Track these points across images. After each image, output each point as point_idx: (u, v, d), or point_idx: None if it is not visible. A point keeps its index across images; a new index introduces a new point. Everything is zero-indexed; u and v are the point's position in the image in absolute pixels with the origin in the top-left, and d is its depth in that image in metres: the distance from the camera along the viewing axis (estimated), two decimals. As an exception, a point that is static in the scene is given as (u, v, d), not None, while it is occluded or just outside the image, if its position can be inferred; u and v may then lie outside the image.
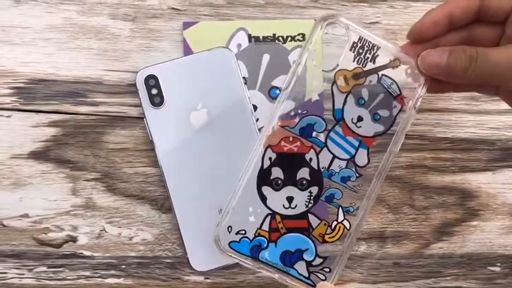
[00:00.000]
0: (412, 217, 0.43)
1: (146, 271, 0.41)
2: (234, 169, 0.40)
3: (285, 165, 0.35)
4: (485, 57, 0.31)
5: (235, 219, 0.35)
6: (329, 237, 0.35)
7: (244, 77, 0.42)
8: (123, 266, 0.41)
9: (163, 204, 0.42)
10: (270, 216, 0.35)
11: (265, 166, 0.35)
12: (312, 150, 0.35)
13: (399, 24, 0.44)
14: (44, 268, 0.41)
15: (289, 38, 0.43)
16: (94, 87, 0.42)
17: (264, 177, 0.35)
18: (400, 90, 0.36)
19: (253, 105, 0.42)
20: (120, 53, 0.42)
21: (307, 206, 0.35)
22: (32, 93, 0.42)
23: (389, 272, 0.43)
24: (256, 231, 0.35)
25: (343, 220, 0.35)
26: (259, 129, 0.42)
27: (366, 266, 0.43)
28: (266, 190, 0.35)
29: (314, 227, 0.35)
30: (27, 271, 0.41)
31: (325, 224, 0.35)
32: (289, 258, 0.34)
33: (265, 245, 0.35)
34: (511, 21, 0.33)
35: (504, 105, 0.43)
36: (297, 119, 0.35)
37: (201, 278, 0.42)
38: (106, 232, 0.41)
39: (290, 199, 0.35)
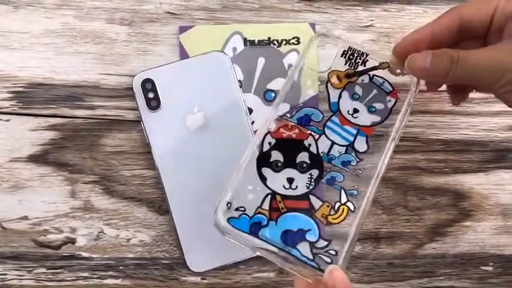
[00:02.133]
0: (406, 218, 0.44)
1: (144, 272, 0.42)
2: (229, 171, 0.41)
3: (284, 150, 0.36)
4: (465, 59, 0.32)
5: (234, 196, 0.35)
6: (333, 219, 0.35)
7: (239, 80, 0.43)
8: (121, 267, 0.42)
9: (161, 206, 0.42)
10: (270, 196, 0.35)
11: (264, 150, 0.36)
12: (310, 137, 0.36)
13: (393, 27, 0.44)
14: (43, 269, 0.42)
15: (284, 42, 0.43)
16: (91, 91, 0.42)
17: (263, 159, 0.36)
18: (392, 87, 0.38)
19: (248, 108, 0.42)
20: (117, 57, 0.43)
21: (308, 188, 0.35)
22: (30, 97, 0.42)
23: (383, 272, 0.43)
24: (256, 209, 0.35)
25: (346, 202, 0.35)
26: (255, 132, 0.42)
27: (360, 266, 0.43)
28: (266, 171, 0.36)
29: (316, 208, 0.35)
30: (27, 272, 0.41)
31: (327, 206, 0.35)
32: (291, 237, 0.34)
33: (265, 223, 0.34)
34: (492, 32, 0.34)
35: (496, 107, 0.43)
36: (294, 111, 0.37)
37: (198, 279, 0.42)
38: (104, 234, 0.42)
39: (290, 180, 0.36)
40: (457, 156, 0.44)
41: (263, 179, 0.36)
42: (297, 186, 0.35)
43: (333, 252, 0.34)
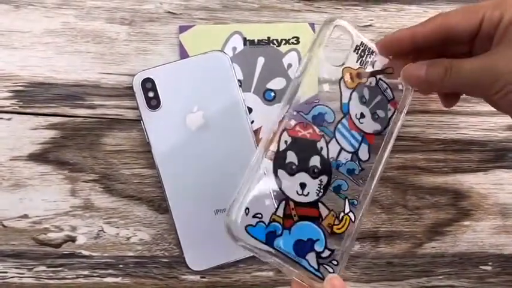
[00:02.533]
0: (405, 217, 0.44)
1: (143, 270, 0.42)
2: (229, 170, 0.41)
3: (298, 151, 0.34)
4: (458, 67, 0.33)
5: (252, 201, 0.32)
6: (337, 228, 0.34)
7: (239, 80, 0.43)
8: (121, 266, 0.42)
9: (160, 205, 0.42)
10: (284, 202, 0.33)
11: (281, 148, 0.34)
12: (322, 139, 0.35)
13: (392, 27, 0.44)
14: (43, 267, 0.42)
15: (284, 41, 0.44)
16: (92, 90, 0.43)
17: (279, 160, 0.33)
18: (393, 95, 0.38)
19: (248, 107, 0.43)
20: (117, 56, 0.43)
21: (318, 195, 0.34)
22: (31, 96, 0.42)
23: (382, 271, 0.43)
24: (271, 216, 0.32)
25: (349, 212, 0.35)
26: (255, 131, 0.42)
27: (359, 265, 0.43)
28: (281, 174, 0.33)
29: (324, 217, 0.34)
30: (27, 270, 0.42)
31: (333, 215, 0.34)
32: (302, 247, 0.33)
33: (279, 232, 0.32)
34: (480, 39, 0.34)
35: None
36: (310, 107, 0.35)
37: (197, 277, 0.42)
38: (104, 232, 0.42)
39: (303, 186, 0.34)
40: (456, 156, 0.44)
41: (279, 182, 0.33)
42: (308, 193, 0.34)
43: (335, 263, 0.34)
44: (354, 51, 0.36)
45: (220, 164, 0.42)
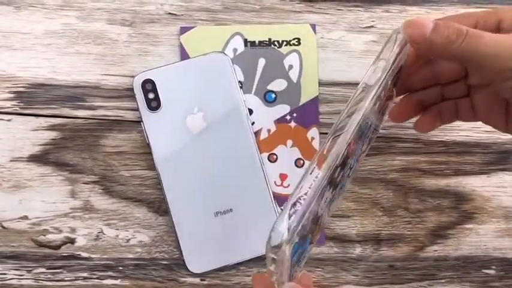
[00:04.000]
0: (407, 220, 0.43)
1: (143, 272, 0.42)
2: (229, 171, 0.41)
3: (341, 167, 0.31)
4: (476, 35, 0.30)
5: (306, 219, 0.29)
6: (314, 239, 0.34)
7: (240, 81, 0.43)
8: (120, 268, 0.42)
9: (160, 207, 0.42)
10: (313, 219, 0.31)
11: (337, 164, 0.30)
12: (352, 156, 0.33)
13: (394, 28, 0.44)
14: (42, 269, 0.42)
15: (285, 43, 0.43)
16: (92, 91, 0.42)
17: (332, 177, 0.30)
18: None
19: (248, 109, 0.42)
20: (118, 57, 0.43)
21: (324, 210, 0.33)
22: (31, 97, 0.42)
23: (384, 275, 0.43)
24: (306, 233, 0.30)
25: (324, 222, 0.35)
26: (255, 133, 0.42)
27: (361, 268, 0.43)
28: (326, 191, 0.31)
29: (318, 229, 0.34)
30: (26, 272, 0.41)
31: (319, 227, 0.34)
32: (298, 260, 0.32)
33: (296, 248, 0.29)
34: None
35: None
36: (365, 121, 0.32)
37: (197, 280, 0.42)
38: (104, 234, 0.42)
39: (325, 200, 0.32)
40: (458, 158, 0.44)
41: (322, 198, 0.30)
42: (322, 208, 0.32)
43: (298, 269, 0.33)
44: (398, 72, 0.33)
45: (220, 166, 0.41)
